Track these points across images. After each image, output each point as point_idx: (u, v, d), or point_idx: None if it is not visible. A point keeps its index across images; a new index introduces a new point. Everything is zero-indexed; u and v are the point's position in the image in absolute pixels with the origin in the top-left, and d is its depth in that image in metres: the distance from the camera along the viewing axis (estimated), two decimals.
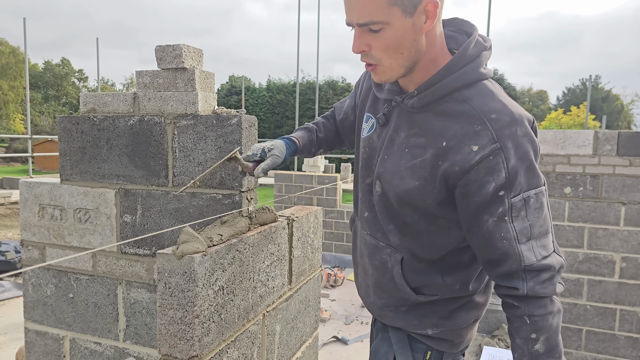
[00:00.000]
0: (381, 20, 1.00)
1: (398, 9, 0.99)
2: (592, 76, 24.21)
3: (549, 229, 1.08)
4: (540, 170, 1.06)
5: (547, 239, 1.07)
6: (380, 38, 1.03)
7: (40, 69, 40.57)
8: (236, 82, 32.75)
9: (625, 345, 4.15)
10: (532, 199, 1.03)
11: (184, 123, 1.69)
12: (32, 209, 1.94)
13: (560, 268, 1.08)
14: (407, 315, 1.28)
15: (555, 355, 1.05)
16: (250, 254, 1.25)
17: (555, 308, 1.07)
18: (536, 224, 1.04)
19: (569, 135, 4.18)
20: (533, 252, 1.04)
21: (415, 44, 1.05)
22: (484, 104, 1.05)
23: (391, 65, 1.07)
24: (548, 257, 1.06)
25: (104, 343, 1.85)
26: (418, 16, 1.01)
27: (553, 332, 1.05)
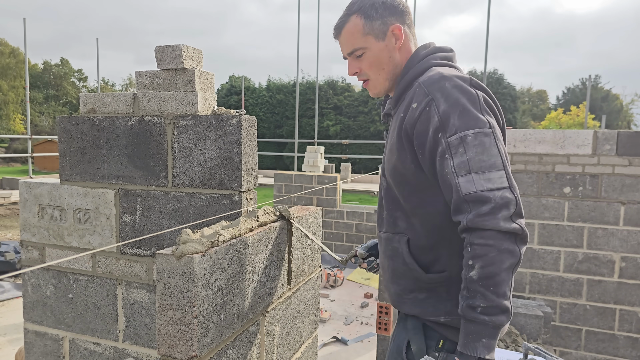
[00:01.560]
0: (361, 47, 1.35)
1: (371, 36, 1.34)
2: (591, 76, 24.23)
3: (497, 166, 1.13)
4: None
5: (494, 173, 1.12)
6: (364, 60, 1.37)
7: (39, 69, 40.57)
8: (236, 82, 32.74)
9: (624, 345, 4.15)
10: (469, 137, 1.14)
11: (183, 123, 1.69)
12: (32, 210, 1.94)
13: (506, 204, 1.09)
14: (424, 302, 1.34)
15: (489, 285, 1.08)
16: (250, 254, 1.25)
17: (501, 245, 1.08)
18: (475, 158, 1.13)
19: (568, 135, 4.18)
20: (473, 183, 1.11)
21: (392, 60, 1.37)
22: (425, 76, 1.28)
23: (377, 79, 1.39)
24: (494, 190, 1.10)
25: (103, 343, 1.85)
26: (389, 39, 1.35)
27: (490, 263, 1.08)
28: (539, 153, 4.29)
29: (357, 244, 8.28)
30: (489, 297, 1.08)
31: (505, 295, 1.09)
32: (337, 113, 29.43)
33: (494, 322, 1.09)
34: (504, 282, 1.09)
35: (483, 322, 1.09)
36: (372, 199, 15.54)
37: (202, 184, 1.70)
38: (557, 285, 4.32)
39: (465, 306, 1.12)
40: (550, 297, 4.36)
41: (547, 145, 4.24)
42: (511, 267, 1.09)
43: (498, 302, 1.08)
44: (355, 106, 29.12)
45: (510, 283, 1.11)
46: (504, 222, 1.08)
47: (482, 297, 1.09)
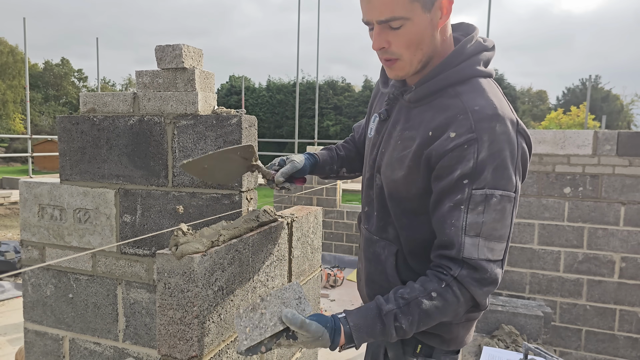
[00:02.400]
0: (403, 16, 1.04)
1: (419, 4, 1.03)
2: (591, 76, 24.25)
3: (504, 239, 1.07)
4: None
5: (499, 245, 1.06)
6: (401, 34, 1.06)
7: (40, 69, 40.57)
8: (236, 82, 32.75)
9: (624, 345, 4.15)
10: (494, 198, 1.03)
11: (183, 123, 1.69)
12: (32, 209, 1.93)
13: (494, 282, 1.07)
14: None
15: (424, 322, 1.06)
16: (250, 254, 1.25)
17: (463, 309, 1.08)
18: (490, 224, 1.03)
19: (568, 135, 4.18)
20: (477, 248, 1.03)
21: (433, 40, 1.10)
22: (472, 98, 1.08)
23: (411, 60, 1.11)
24: (491, 263, 1.05)
25: (103, 343, 1.85)
26: (435, 12, 1.06)
27: (444, 313, 1.06)
28: (539, 153, 4.29)
29: (357, 243, 8.28)
30: (413, 327, 1.05)
31: (416, 330, 1.08)
32: (337, 113, 29.45)
33: (390, 336, 1.04)
34: (429, 325, 1.08)
35: (387, 333, 1.04)
36: None
37: (202, 184, 1.70)
38: (557, 285, 4.32)
39: (391, 312, 1.04)
40: (550, 297, 4.36)
41: (547, 145, 4.24)
42: (440, 322, 1.10)
43: (411, 332, 1.06)
44: (355, 106, 29.13)
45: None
46: (483, 298, 1.08)
47: (410, 323, 1.04)
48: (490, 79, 1.18)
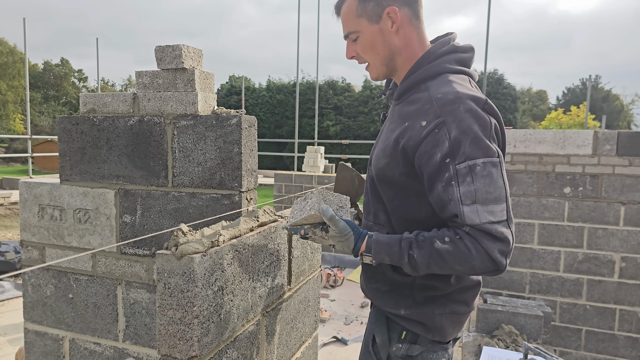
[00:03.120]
0: (354, 30, 1.29)
1: (364, 19, 1.27)
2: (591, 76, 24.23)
3: (500, 199, 1.14)
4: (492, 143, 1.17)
5: (497, 206, 1.13)
6: (358, 44, 1.32)
7: (39, 69, 40.56)
8: (236, 82, 32.74)
9: (624, 345, 4.15)
10: (478, 166, 1.13)
11: (183, 123, 1.69)
12: (32, 210, 1.94)
13: (503, 239, 1.13)
14: (386, 295, 1.36)
15: (434, 260, 1.15)
16: (250, 254, 1.25)
17: (475, 263, 1.13)
18: (482, 189, 1.12)
19: (568, 135, 4.18)
20: (477, 214, 1.12)
21: (388, 45, 1.29)
22: (437, 89, 1.22)
23: (374, 63, 1.33)
24: (495, 224, 1.12)
25: (103, 343, 1.85)
26: (384, 22, 1.27)
27: (456, 259, 1.13)
28: (539, 153, 4.29)
29: None
30: (424, 260, 1.15)
31: (424, 270, 1.17)
32: (337, 113, 29.43)
33: (403, 261, 1.16)
34: (440, 271, 1.17)
35: (401, 256, 1.16)
36: None
37: (202, 184, 1.70)
38: (557, 285, 4.32)
39: (408, 239, 1.17)
40: (550, 297, 4.36)
41: (547, 145, 4.24)
42: (455, 274, 1.16)
43: (422, 267, 1.15)
44: (355, 106, 29.12)
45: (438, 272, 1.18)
46: (497, 254, 1.12)
47: (422, 256, 1.15)
48: (463, 75, 1.29)
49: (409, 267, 1.17)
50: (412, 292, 1.32)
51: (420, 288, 1.31)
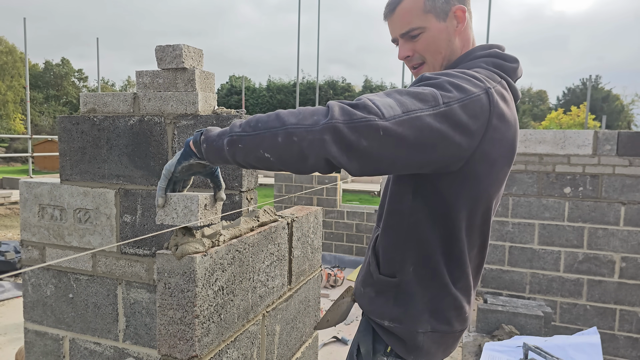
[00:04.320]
0: (419, 26, 1.19)
1: (432, 15, 1.19)
2: (591, 76, 24.24)
3: (404, 107, 0.93)
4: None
5: (390, 101, 0.93)
6: (420, 41, 1.21)
7: (40, 69, 40.56)
8: (236, 82, 32.76)
9: (625, 345, 4.15)
10: (418, 88, 0.98)
11: (184, 123, 1.69)
12: (32, 209, 1.93)
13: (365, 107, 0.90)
14: (373, 301, 1.29)
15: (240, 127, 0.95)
16: (250, 254, 1.25)
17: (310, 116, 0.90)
18: (399, 92, 0.97)
19: (568, 135, 4.18)
20: (368, 98, 0.93)
21: (450, 44, 1.22)
22: None
23: (434, 64, 1.23)
24: (376, 101, 0.92)
25: (103, 343, 1.85)
26: (450, 21, 1.20)
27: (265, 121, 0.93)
28: (539, 153, 4.29)
29: (358, 244, 8.28)
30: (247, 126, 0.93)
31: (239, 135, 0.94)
32: None
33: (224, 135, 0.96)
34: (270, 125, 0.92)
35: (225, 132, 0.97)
36: (372, 199, 15.54)
37: (202, 184, 1.70)
38: (558, 285, 4.32)
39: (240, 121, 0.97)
40: (550, 297, 4.36)
41: (547, 145, 4.24)
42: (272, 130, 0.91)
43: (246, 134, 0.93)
44: None
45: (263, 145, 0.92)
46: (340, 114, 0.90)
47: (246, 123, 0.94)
48: (497, 77, 1.16)
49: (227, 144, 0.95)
50: (396, 300, 1.23)
51: (404, 296, 1.22)
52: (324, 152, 0.89)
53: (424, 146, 0.95)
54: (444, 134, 0.96)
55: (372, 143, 0.89)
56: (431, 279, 1.21)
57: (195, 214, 1.01)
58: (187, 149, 1.03)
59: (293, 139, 0.90)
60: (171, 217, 1.03)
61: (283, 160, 0.93)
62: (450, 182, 1.10)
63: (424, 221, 1.16)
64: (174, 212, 1.03)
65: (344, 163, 0.91)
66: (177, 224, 1.02)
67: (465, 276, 1.23)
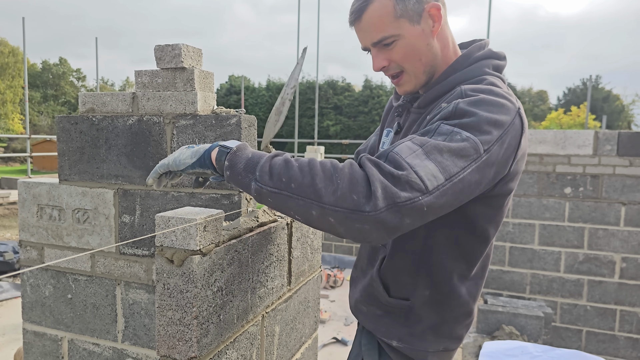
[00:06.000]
0: (392, 34, 1.08)
1: (405, 20, 1.07)
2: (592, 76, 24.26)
3: (448, 173, 0.87)
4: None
5: (434, 168, 0.87)
6: (396, 50, 1.10)
7: (38, 68, 40.52)
8: (235, 81, 32.75)
9: (625, 345, 4.15)
10: (459, 135, 0.90)
11: (183, 123, 1.68)
12: (31, 209, 1.93)
13: (411, 186, 0.84)
14: (379, 320, 1.23)
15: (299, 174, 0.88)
16: (250, 255, 1.24)
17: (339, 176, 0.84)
18: (440, 145, 0.89)
19: (569, 135, 4.17)
20: (409, 150, 0.89)
21: (429, 48, 1.11)
22: (470, 82, 1.08)
23: (415, 72, 1.13)
24: (415, 169, 0.85)
25: (102, 344, 1.84)
26: (425, 22, 1.09)
27: (295, 172, 0.87)
28: (539, 153, 4.28)
29: (357, 244, 8.27)
30: (271, 174, 0.90)
31: (267, 182, 0.89)
32: (337, 113, 29.43)
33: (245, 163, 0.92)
34: (284, 184, 0.87)
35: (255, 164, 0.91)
36: None
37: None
38: (558, 285, 4.31)
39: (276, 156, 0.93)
40: (550, 298, 4.36)
41: (547, 145, 4.23)
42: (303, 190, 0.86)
43: (264, 177, 0.89)
44: (355, 106, 29.13)
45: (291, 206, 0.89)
46: (388, 198, 0.84)
47: (277, 165, 0.90)
48: (501, 81, 1.13)
49: (254, 179, 0.91)
50: (407, 321, 1.19)
51: (416, 317, 1.18)
52: (361, 237, 0.85)
53: (464, 200, 0.93)
54: (484, 179, 0.93)
55: (414, 219, 0.86)
56: (448, 300, 1.16)
57: (194, 237, 1.00)
58: (207, 161, 0.98)
59: (329, 220, 0.85)
60: (170, 240, 1.02)
61: (314, 227, 0.91)
62: (479, 206, 1.05)
63: (443, 243, 1.10)
64: (172, 234, 1.02)
65: (381, 239, 0.88)
66: (176, 247, 1.02)
67: (480, 289, 1.20)
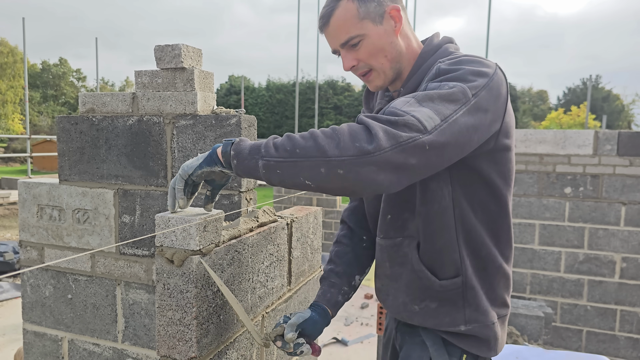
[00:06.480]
0: (357, 34, 1.18)
1: (368, 21, 1.17)
2: (592, 76, 24.26)
3: (441, 114, 0.96)
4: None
5: (428, 111, 0.95)
6: (363, 49, 1.20)
7: (38, 69, 40.49)
8: (235, 81, 32.73)
9: (625, 345, 4.15)
10: (447, 85, 1.01)
11: (183, 123, 1.68)
12: (31, 210, 1.93)
13: (408, 126, 0.92)
14: (438, 312, 1.23)
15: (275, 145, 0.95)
16: (250, 255, 1.24)
17: (342, 136, 0.91)
18: (432, 94, 0.99)
19: (569, 135, 4.17)
20: (406, 104, 0.98)
21: (394, 46, 1.21)
22: (442, 57, 1.18)
23: (382, 67, 1.22)
24: (413, 113, 0.94)
25: (102, 344, 1.84)
26: (387, 22, 1.19)
27: (298, 141, 0.94)
28: (539, 153, 4.28)
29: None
30: (281, 147, 0.94)
31: (273, 155, 0.94)
32: (337, 113, 29.44)
33: (258, 151, 0.95)
34: (301, 148, 0.92)
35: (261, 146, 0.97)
36: None
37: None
38: (558, 285, 4.31)
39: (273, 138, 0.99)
40: (551, 298, 4.36)
41: (547, 145, 4.23)
42: (321, 160, 0.91)
43: (278, 153, 0.94)
44: (355, 106, 29.13)
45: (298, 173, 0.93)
46: (380, 131, 0.92)
47: (280, 143, 0.95)
48: None
49: (262, 157, 0.95)
50: (466, 299, 1.19)
51: (472, 291, 1.20)
52: (371, 181, 0.91)
53: (465, 143, 1.01)
54: (479, 124, 1.02)
55: (419, 159, 0.93)
56: (487, 265, 1.22)
57: (194, 237, 1.00)
58: (214, 156, 1.02)
59: (338, 172, 0.90)
60: (170, 240, 1.02)
61: (325, 188, 0.95)
62: (488, 162, 1.14)
63: (468, 210, 1.18)
64: (172, 234, 1.02)
65: (391, 185, 0.94)
66: (176, 247, 1.02)
67: (511, 250, 1.26)
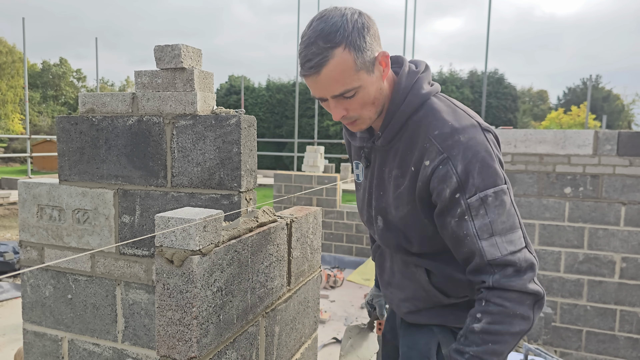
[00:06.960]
0: (354, 87, 1.14)
1: (363, 71, 1.14)
2: (592, 76, 24.26)
3: (516, 226, 1.12)
4: (502, 170, 1.15)
5: (514, 234, 1.11)
6: (356, 100, 1.17)
7: (38, 69, 40.48)
8: (235, 81, 32.71)
9: (625, 346, 4.14)
10: (490, 197, 1.09)
11: (182, 123, 1.68)
12: (31, 210, 1.93)
13: (531, 266, 1.10)
14: (445, 314, 1.35)
15: (488, 340, 1.08)
16: (249, 255, 1.24)
17: (517, 310, 1.07)
18: (497, 220, 1.09)
19: (569, 135, 4.17)
20: (497, 247, 1.08)
21: (381, 92, 1.21)
22: (429, 124, 1.18)
23: (369, 115, 1.22)
24: (517, 253, 1.09)
25: (102, 344, 1.84)
26: (377, 69, 1.17)
27: (499, 322, 1.07)
28: (539, 153, 4.28)
29: (358, 244, 8.27)
30: (481, 348, 1.09)
31: (498, 356, 1.09)
32: None
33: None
34: (505, 344, 1.09)
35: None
36: None
37: (201, 184, 1.69)
38: (558, 285, 4.31)
39: (454, 349, 1.13)
40: (550, 298, 4.35)
41: (547, 145, 4.23)
42: (520, 334, 1.09)
43: (487, 357, 1.08)
44: None
45: (510, 349, 1.11)
46: (529, 284, 1.09)
47: (475, 345, 1.09)
48: (438, 94, 1.26)
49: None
50: (470, 305, 1.28)
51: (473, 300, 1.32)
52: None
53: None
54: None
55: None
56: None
57: (194, 238, 1.01)
58: None
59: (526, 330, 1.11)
60: (170, 240, 1.02)
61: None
62: None
63: None
64: (172, 234, 1.02)
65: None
66: (176, 247, 1.02)
67: None
